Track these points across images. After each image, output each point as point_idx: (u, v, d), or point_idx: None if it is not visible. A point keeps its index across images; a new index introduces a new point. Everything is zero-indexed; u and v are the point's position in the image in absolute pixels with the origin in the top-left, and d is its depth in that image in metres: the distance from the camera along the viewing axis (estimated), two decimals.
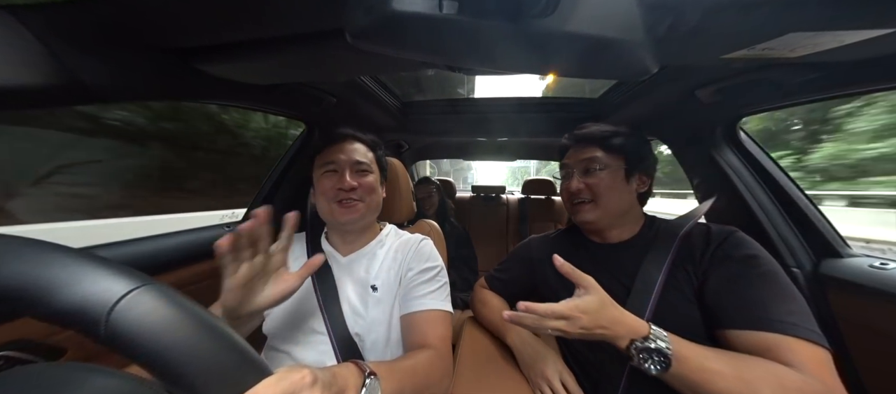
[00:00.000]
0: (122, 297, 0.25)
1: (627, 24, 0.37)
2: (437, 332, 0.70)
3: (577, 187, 0.78)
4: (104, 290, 0.25)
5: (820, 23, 0.49)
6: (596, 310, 0.56)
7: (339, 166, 0.77)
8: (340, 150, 0.80)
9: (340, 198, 0.75)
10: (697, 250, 0.68)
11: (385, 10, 0.33)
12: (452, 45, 0.41)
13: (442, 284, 0.78)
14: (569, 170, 0.81)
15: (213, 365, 0.26)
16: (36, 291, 0.24)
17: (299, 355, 0.70)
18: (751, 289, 0.58)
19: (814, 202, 0.97)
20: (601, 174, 0.76)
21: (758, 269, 0.60)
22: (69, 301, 0.24)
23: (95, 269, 0.26)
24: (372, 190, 0.79)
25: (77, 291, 0.24)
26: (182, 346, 0.25)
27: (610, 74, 0.71)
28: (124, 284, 0.25)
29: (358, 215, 0.77)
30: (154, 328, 0.25)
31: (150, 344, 0.24)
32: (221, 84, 0.77)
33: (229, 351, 0.28)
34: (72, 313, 0.24)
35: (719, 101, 0.94)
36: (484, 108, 1.59)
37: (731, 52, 0.59)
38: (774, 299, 0.56)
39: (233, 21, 0.53)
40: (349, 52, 0.64)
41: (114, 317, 0.24)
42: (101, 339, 0.24)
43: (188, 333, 0.26)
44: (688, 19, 0.50)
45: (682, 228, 0.72)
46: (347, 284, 0.76)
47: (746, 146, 1.06)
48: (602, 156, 0.76)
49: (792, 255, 0.94)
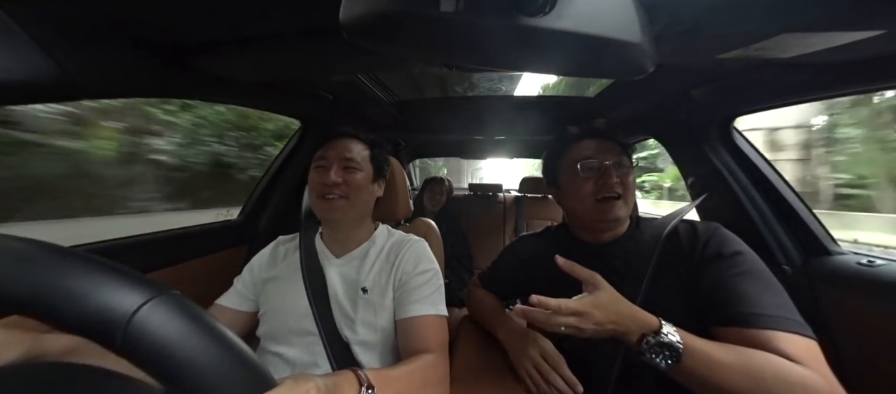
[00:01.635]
0: (140, 307, 0.24)
1: (624, 23, 0.37)
2: (434, 337, 0.70)
3: (615, 182, 0.74)
4: (122, 299, 0.24)
5: (813, 24, 0.50)
6: (607, 305, 0.56)
7: (327, 162, 0.78)
8: (332, 146, 0.80)
9: (323, 193, 0.76)
10: (685, 248, 0.69)
11: (382, 8, 0.33)
12: (449, 43, 0.41)
13: (437, 287, 0.77)
14: (597, 164, 0.76)
15: (225, 376, 0.26)
16: (51, 299, 0.23)
17: (292, 356, 0.70)
18: (740, 286, 0.59)
19: (805, 201, 0.98)
20: (628, 173, 0.76)
21: (744, 266, 0.61)
22: (85, 311, 0.23)
23: (112, 277, 0.25)
24: (358, 188, 0.78)
25: (93, 300, 0.24)
26: (197, 357, 0.25)
27: (606, 73, 0.71)
28: (141, 295, 0.25)
29: (339, 213, 0.77)
30: (171, 339, 0.24)
31: (166, 355, 0.24)
32: (217, 82, 0.77)
33: (241, 363, 0.28)
34: (88, 323, 0.23)
35: (714, 100, 0.95)
36: (480, 106, 1.59)
37: (726, 52, 0.60)
38: (763, 295, 0.57)
39: (229, 17, 0.53)
40: (346, 49, 0.64)
41: (131, 327, 0.23)
42: (117, 349, 0.23)
43: (203, 344, 0.26)
44: (684, 19, 0.51)
45: (666, 226, 0.73)
46: (338, 286, 0.76)
47: (740, 146, 1.07)
48: (624, 153, 0.77)
49: (782, 252, 0.95)
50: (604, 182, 0.75)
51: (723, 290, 0.60)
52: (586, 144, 0.80)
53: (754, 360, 0.51)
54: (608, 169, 0.75)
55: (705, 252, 0.65)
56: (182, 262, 0.97)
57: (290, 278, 0.77)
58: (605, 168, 0.75)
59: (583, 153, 0.79)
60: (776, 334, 0.53)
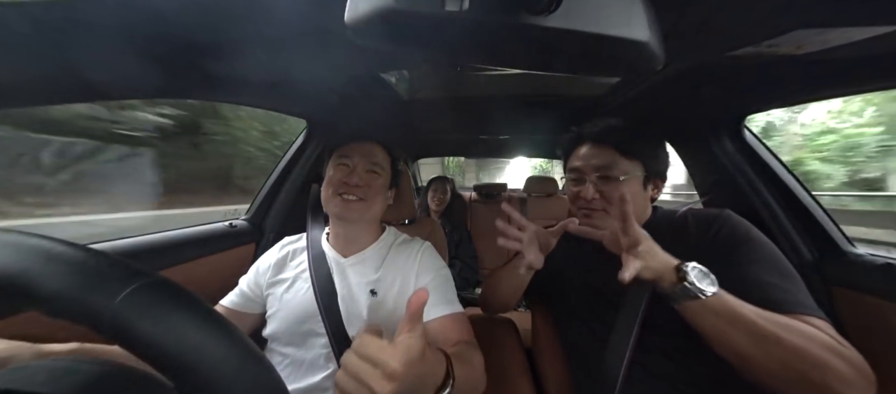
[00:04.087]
0: (126, 292, 0.25)
1: (632, 20, 0.37)
2: (465, 331, 0.71)
3: (592, 195, 0.70)
4: (107, 284, 0.25)
5: (828, 19, 0.48)
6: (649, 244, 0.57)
7: (352, 161, 0.79)
8: (358, 148, 0.81)
9: (343, 191, 0.76)
10: (694, 235, 0.68)
11: (387, 7, 0.33)
12: (454, 42, 0.41)
13: (451, 285, 0.78)
14: (580, 173, 0.73)
15: (223, 359, 0.26)
16: (37, 286, 0.24)
17: (299, 357, 0.71)
18: (758, 275, 0.59)
19: (817, 200, 0.96)
20: (620, 183, 0.68)
21: (758, 252, 0.61)
22: (71, 296, 0.24)
23: (98, 263, 0.26)
24: (377, 192, 0.80)
25: (78, 285, 0.24)
26: (188, 339, 0.25)
27: (614, 72, 0.70)
28: (128, 279, 0.26)
29: (356, 214, 0.77)
30: (159, 322, 0.25)
31: (154, 337, 0.24)
32: (223, 82, 0.77)
33: (234, 346, 0.28)
34: (74, 308, 0.24)
35: (724, 98, 0.93)
36: (486, 105, 1.58)
37: (737, 48, 0.59)
38: (780, 281, 0.57)
39: (235, 17, 0.53)
40: (351, 49, 0.64)
41: (118, 311, 0.24)
42: (106, 333, 0.24)
43: (193, 325, 0.26)
44: (693, 16, 0.50)
45: (675, 215, 0.73)
46: (347, 287, 0.76)
47: (751, 144, 1.05)
48: (621, 161, 0.70)
49: (795, 252, 0.93)
50: (580, 195, 0.73)
51: (740, 281, 0.58)
52: (579, 148, 0.77)
53: (793, 322, 0.51)
54: (586, 181, 0.72)
55: (717, 238, 0.65)
56: (188, 261, 0.98)
57: (298, 280, 0.78)
58: (585, 179, 0.72)
59: (574, 159, 0.77)
60: (796, 318, 0.53)
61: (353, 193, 0.76)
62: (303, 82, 0.97)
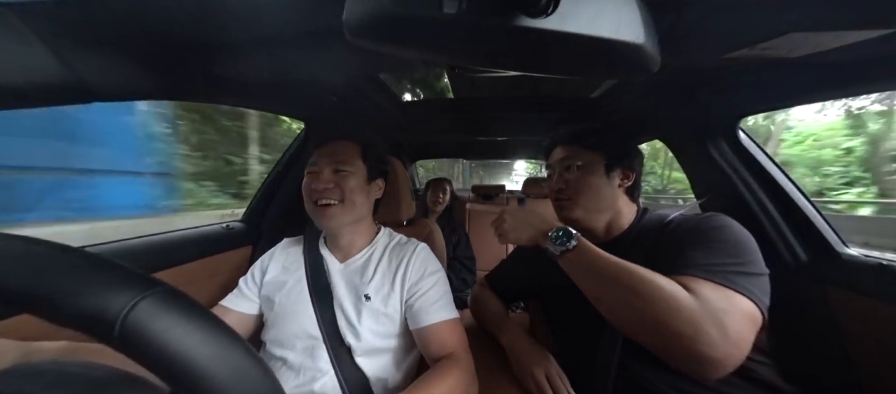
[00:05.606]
0: (137, 302, 0.25)
1: (628, 23, 0.37)
2: (458, 339, 0.71)
3: (558, 186, 0.80)
4: (117, 294, 0.25)
5: (821, 22, 0.49)
6: (516, 213, 0.74)
7: (318, 166, 0.77)
8: (324, 149, 0.79)
9: (316, 199, 0.74)
10: (675, 239, 0.67)
11: (385, 9, 0.33)
12: (452, 44, 0.41)
13: (446, 290, 0.78)
14: (552, 170, 0.85)
15: (223, 371, 0.26)
16: (46, 294, 0.24)
17: (296, 361, 0.70)
18: (682, 247, 0.60)
19: (813, 201, 0.97)
20: (579, 171, 0.78)
21: (710, 235, 0.61)
22: (80, 305, 0.24)
23: (109, 272, 0.26)
24: (351, 191, 0.76)
25: (89, 294, 0.24)
26: (194, 352, 0.25)
27: (610, 74, 0.71)
28: (138, 289, 0.25)
29: (335, 220, 0.75)
30: (168, 334, 0.25)
31: (163, 350, 0.24)
32: (221, 83, 0.77)
33: (239, 358, 0.28)
34: (83, 317, 0.24)
35: (719, 101, 0.94)
36: (483, 107, 1.58)
37: (732, 51, 0.59)
38: (708, 253, 0.57)
39: (234, 19, 0.53)
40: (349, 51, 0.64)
41: (128, 321, 0.24)
42: (114, 343, 0.24)
43: (200, 339, 0.26)
44: (689, 19, 0.50)
45: (665, 218, 0.73)
46: (342, 292, 0.76)
47: (746, 146, 1.06)
48: (581, 152, 0.79)
49: (791, 253, 0.94)
50: (551, 187, 0.84)
51: (673, 250, 0.61)
52: (553, 151, 0.86)
53: (635, 268, 0.56)
54: (554, 173, 0.83)
55: (696, 232, 0.64)
56: (186, 263, 0.98)
57: (296, 284, 0.77)
58: (554, 173, 0.83)
59: (549, 161, 0.86)
60: (690, 280, 0.53)
61: (325, 197, 0.74)
62: (301, 84, 0.97)
